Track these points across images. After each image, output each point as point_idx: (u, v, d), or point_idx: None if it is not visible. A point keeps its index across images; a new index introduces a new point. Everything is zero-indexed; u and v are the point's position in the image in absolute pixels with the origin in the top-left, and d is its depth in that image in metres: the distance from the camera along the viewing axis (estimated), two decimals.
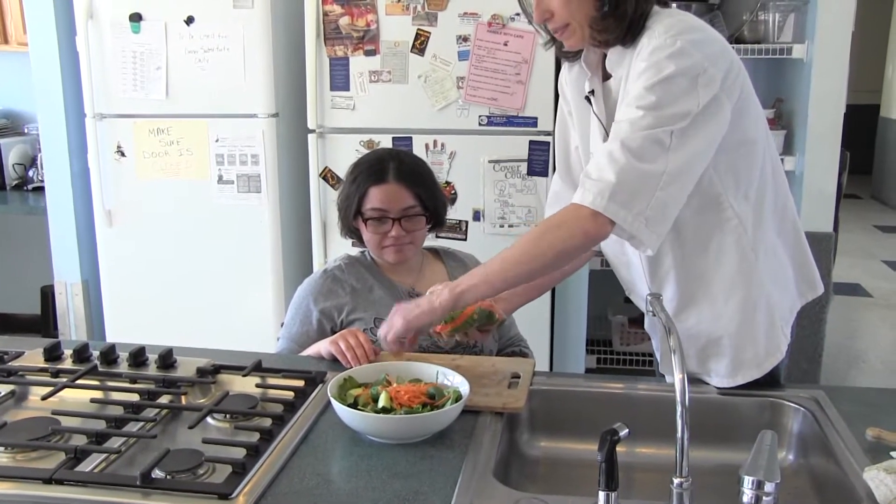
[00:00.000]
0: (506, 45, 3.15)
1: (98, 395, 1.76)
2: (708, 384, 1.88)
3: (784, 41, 3.46)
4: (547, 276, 1.90)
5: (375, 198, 2.13)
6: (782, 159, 3.45)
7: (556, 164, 2.07)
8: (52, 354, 1.93)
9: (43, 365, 1.89)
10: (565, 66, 1.98)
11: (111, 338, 3.61)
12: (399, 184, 2.14)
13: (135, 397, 1.72)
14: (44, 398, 1.71)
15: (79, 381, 1.79)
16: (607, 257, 2.01)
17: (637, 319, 3.98)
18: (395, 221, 2.13)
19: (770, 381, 1.87)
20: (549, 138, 3.21)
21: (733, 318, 1.82)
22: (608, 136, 1.76)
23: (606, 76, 1.84)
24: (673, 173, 1.62)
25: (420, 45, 3.21)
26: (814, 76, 3.34)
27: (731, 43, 3.39)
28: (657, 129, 1.61)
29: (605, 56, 1.82)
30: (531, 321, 3.13)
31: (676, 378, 1.33)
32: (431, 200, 2.19)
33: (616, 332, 4.04)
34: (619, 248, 1.92)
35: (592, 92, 1.85)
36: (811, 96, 3.37)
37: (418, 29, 3.21)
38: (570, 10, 1.72)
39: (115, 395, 1.75)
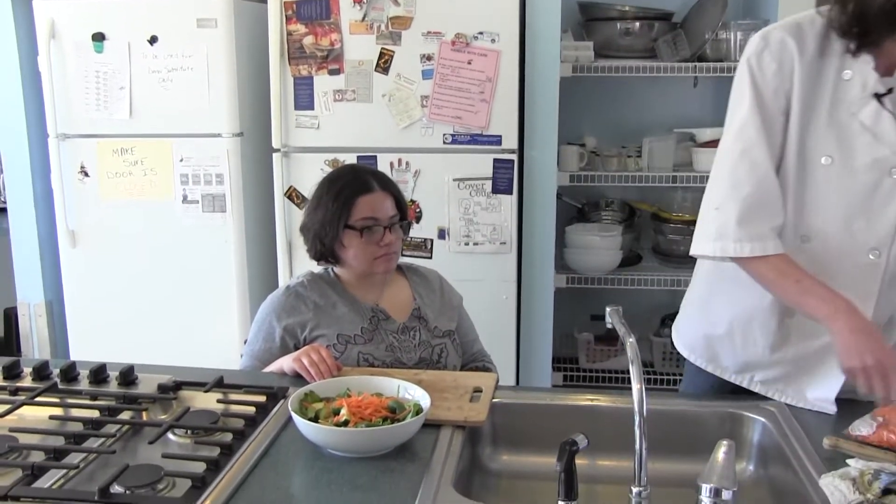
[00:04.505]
0: (469, 63, 3.17)
1: (57, 411, 1.74)
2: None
3: None
4: None
5: (366, 207, 2.14)
6: None
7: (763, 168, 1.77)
8: (11, 372, 1.92)
9: (1, 383, 1.87)
10: (801, 66, 1.74)
11: (75, 358, 3.56)
12: (384, 192, 2.17)
13: (95, 414, 1.71)
14: (1, 416, 1.69)
15: (38, 399, 1.77)
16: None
17: (603, 337, 4.00)
18: (385, 229, 2.15)
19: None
20: (513, 156, 3.23)
21: None
22: None
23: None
24: None
25: (384, 63, 3.23)
26: None
27: (694, 61, 3.46)
28: None
29: None
30: (497, 338, 3.14)
31: (634, 388, 1.35)
32: (403, 210, 2.22)
33: (582, 350, 4.05)
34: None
35: (891, 90, 1.72)
36: None
37: (382, 48, 3.22)
38: None
39: (75, 412, 1.74)
